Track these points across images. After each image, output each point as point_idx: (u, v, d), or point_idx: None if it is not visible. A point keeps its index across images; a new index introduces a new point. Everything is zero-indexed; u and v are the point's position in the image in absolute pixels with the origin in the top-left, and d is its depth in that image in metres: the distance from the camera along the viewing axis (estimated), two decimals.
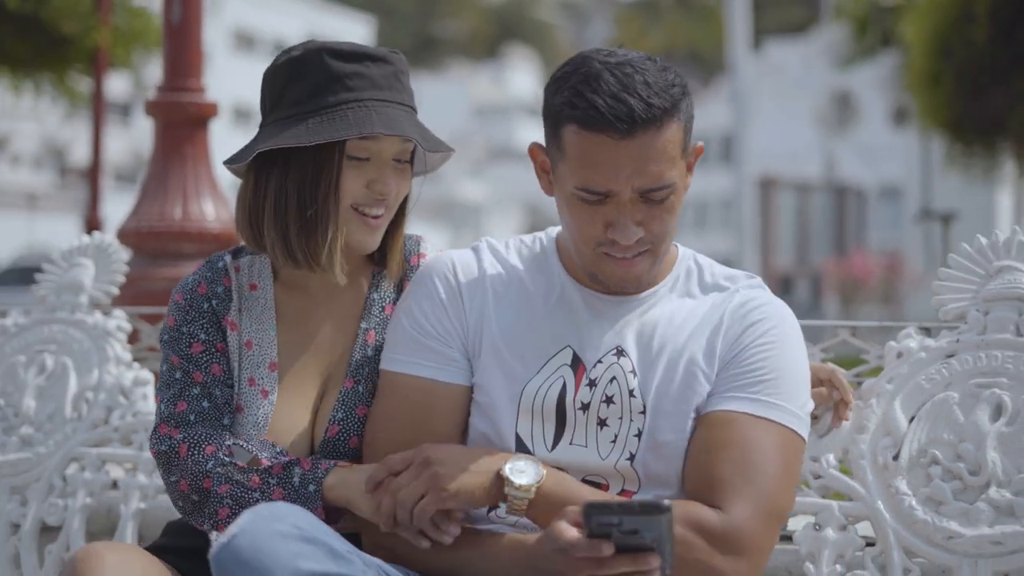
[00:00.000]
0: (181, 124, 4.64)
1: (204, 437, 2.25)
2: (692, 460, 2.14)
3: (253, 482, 2.20)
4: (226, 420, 2.28)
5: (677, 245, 2.26)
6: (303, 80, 2.26)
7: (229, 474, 2.21)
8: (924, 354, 2.47)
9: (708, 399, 2.16)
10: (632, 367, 2.18)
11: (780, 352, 2.17)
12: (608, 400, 2.17)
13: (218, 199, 4.65)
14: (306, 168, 2.26)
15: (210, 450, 2.23)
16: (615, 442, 2.17)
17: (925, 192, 26.28)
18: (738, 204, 19.21)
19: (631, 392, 2.17)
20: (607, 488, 2.17)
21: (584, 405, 2.17)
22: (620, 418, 2.17)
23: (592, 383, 2.18)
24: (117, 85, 26.83)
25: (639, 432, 2.16)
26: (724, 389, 2.16)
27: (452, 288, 2.26)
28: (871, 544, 2.42)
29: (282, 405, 2.30)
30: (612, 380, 2.17)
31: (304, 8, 53.98)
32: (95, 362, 2.96)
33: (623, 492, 2.17)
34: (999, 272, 2.47)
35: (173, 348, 2.32)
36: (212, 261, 2.37)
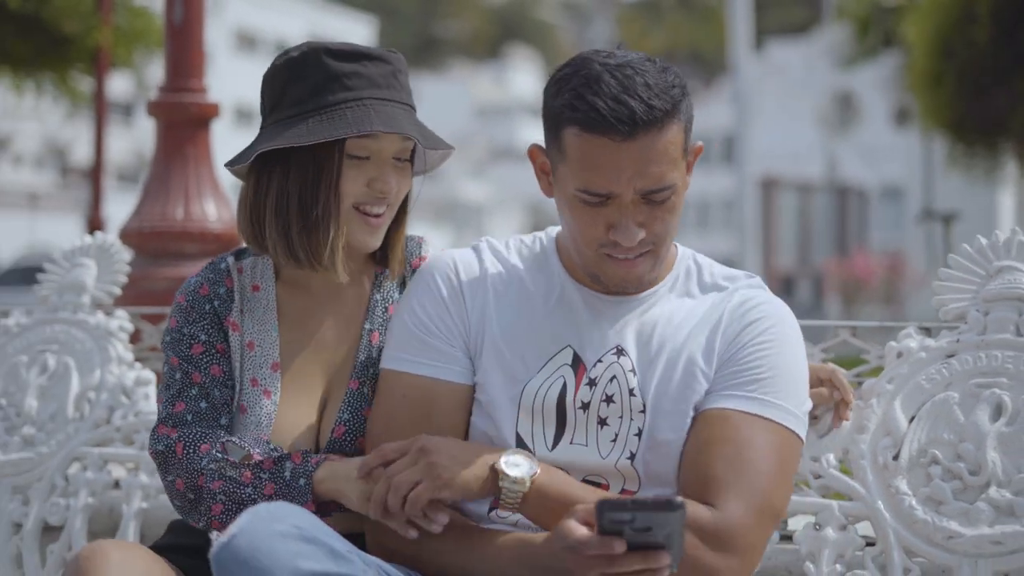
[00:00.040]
0: (183, 124, 4.64)
1: (200, 436, 2.25)
2: (687, 457, 2.14)
3: (245, 477, 2.20)
4: (223, 420, 2.29)
5: (677, 245, 2.26)
6: (302, 81, 2.26)
7: (222, 470, 2.21)
8: (924, 354, 2.47)
9: (705, 397, 2.16)
10: (632, 366, 2.18)
11: (778, 351, 2.17)
12: (608, 399, 2.17)
13: (220, 199, 4.65)
14: (306, 168, 2.26)
15: (205, 448, 2.23)
16: (615, 441, 2.17)
17: (927, 192, 26.26)
18: (740, 204, 19.19)
19: (631, 391, 2.17)
20: (607, 488, 2.17)
21: (584, 404, 2.17)
22: (620, 417, 2.17)
23: (592, 382, 2.18)
24: (119, 85, 26.81)
25: (639, 431, 2.16)
26: (721, 387, 2.16)
27: (454, 287, 2.25)
28: (871, 544, 2.42)
29: (285, 405, 2.30)
30: (612, 379, 2.17)
31: (306, 8, 53.97)
32: (97, 362, 2.97)
33: (623, 492, 2.17)
34: (999, 272, 2.47)
35: (174, 349, 2.32)
36: (215, 263, 2.38)
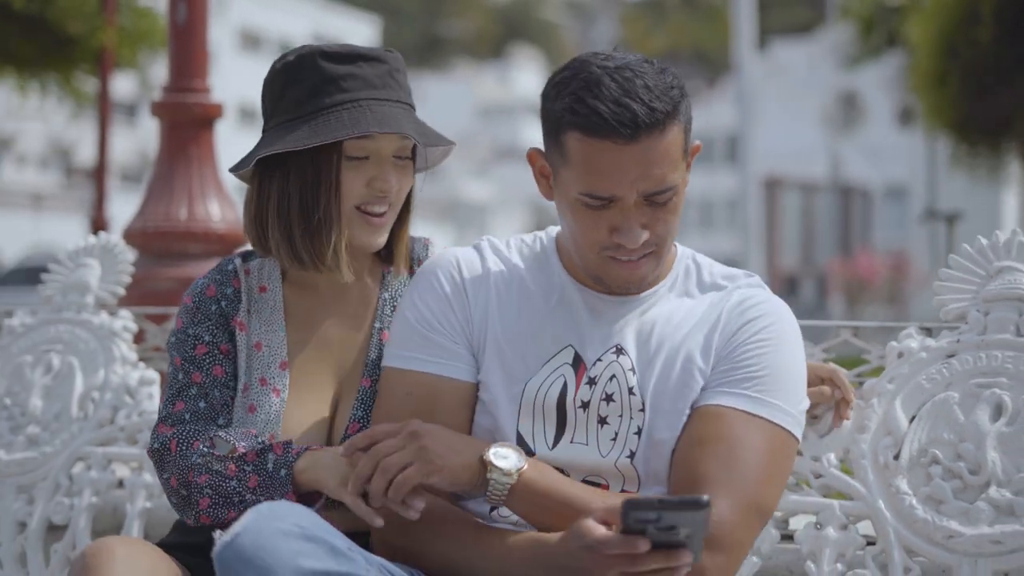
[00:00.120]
0: (187, 125, 4.64)
1: (193, 434, 2.26)
2: (679, 452, 2.14)
3: (230, 470, 2.21)
4: (221, 420, 2.30)
5: (676, 244, 2.25)
6: (299, 84, 2.28)
7: (208, 464, 2.22)
8: (925, 354, 2.47)
9: (700, 393, 2.16)
10: (631, 365, 2.18)
11: (775, 350, 2.17)
12: (608, 398, 2.17)
13: (223, 200, 4.65)
14: (306, 171, 2.28)
15: (196, 445, 2.25)
16: (615, 440, 2.17)
17: (930, 192, 26.24)
18: (743, 204, 19.15)
19: (631, 390, 2.17)
20: (607, 488, 2.16)
21: (584, 403, 2.17)
22: (620, 416, 2.17)
23: (592, 381, 2.18)
24: (123, 85, 26.81)
25: (639, 430, 2.16)
26: (716, 384, 2.15)
27: (457, 284, 2.25)
28: (872, 543, 2.42)
29: (294, 403, 2.31)
30: (612, 378, 2.17)
31: (310, 8, 53.95)
32: (101, 362, 2.97)
33: (623, 491, 2.17)
34: (999, 272, 2.47)
35: (178, 350, 2.33)
36: (222, 264, 2.40)
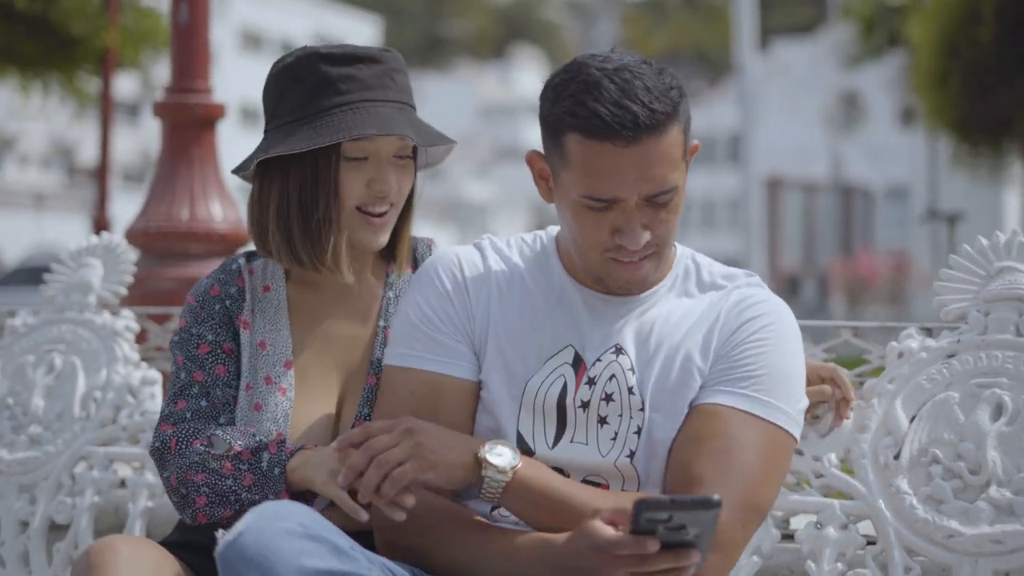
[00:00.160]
0: (188, 125, 4.65)
1: (193, 432, 2.27)
2: (675, 451, 2.14)
3: (226, 469, 2.22)
4: (222, 419, 2.30)
5: (676, 244, 2.25)
6: (298, 86, 2.30)
7: (205, 462, 2.23)
8: (925, 354, 2.48)
9: (698, 392, 2.16)
10: (631, 364, 2.18)
11: (773, 349, 2.17)
12: (607, 397, 2.17)
13: (225, 200, 4.66)
14: (305, 173, 2.29)
15: (195, 443, 2.25)
16: (615, 439, 2.17)
17: (932, 192, 26.22)
18: (745, 204, 19.14)
19: (630, 389, 2.17)
20: (607, 488, 2.16)
21: (584, 403, 2.17)
22: (620, 415, 2.17)
23: (591, 381, 2.18)
24: (125, 85, 26.85)
25: (639, 429, 2.16)
26: (714, 382, 2.15)
27: (458, 282, 2.25)
28: (872, 543, 2.43)
29: (300, 402, 2.32)
30: (611, 378, 2.17)
31: (311, 8, 53.93)
32: (103, 362, 2.98)
33: (623, 491, 2.16)
34: (1000, 273, 2.48)
35: (181, 349, 2.34)
36: (226, 264, 2.41)
